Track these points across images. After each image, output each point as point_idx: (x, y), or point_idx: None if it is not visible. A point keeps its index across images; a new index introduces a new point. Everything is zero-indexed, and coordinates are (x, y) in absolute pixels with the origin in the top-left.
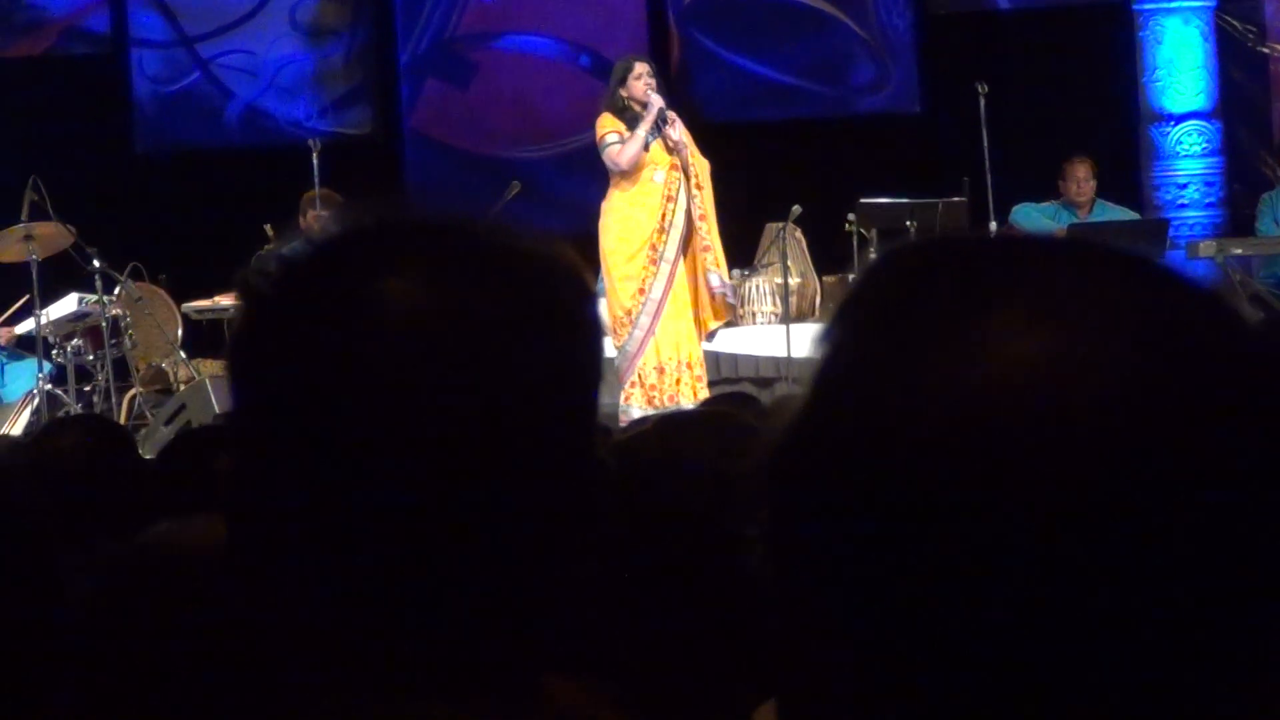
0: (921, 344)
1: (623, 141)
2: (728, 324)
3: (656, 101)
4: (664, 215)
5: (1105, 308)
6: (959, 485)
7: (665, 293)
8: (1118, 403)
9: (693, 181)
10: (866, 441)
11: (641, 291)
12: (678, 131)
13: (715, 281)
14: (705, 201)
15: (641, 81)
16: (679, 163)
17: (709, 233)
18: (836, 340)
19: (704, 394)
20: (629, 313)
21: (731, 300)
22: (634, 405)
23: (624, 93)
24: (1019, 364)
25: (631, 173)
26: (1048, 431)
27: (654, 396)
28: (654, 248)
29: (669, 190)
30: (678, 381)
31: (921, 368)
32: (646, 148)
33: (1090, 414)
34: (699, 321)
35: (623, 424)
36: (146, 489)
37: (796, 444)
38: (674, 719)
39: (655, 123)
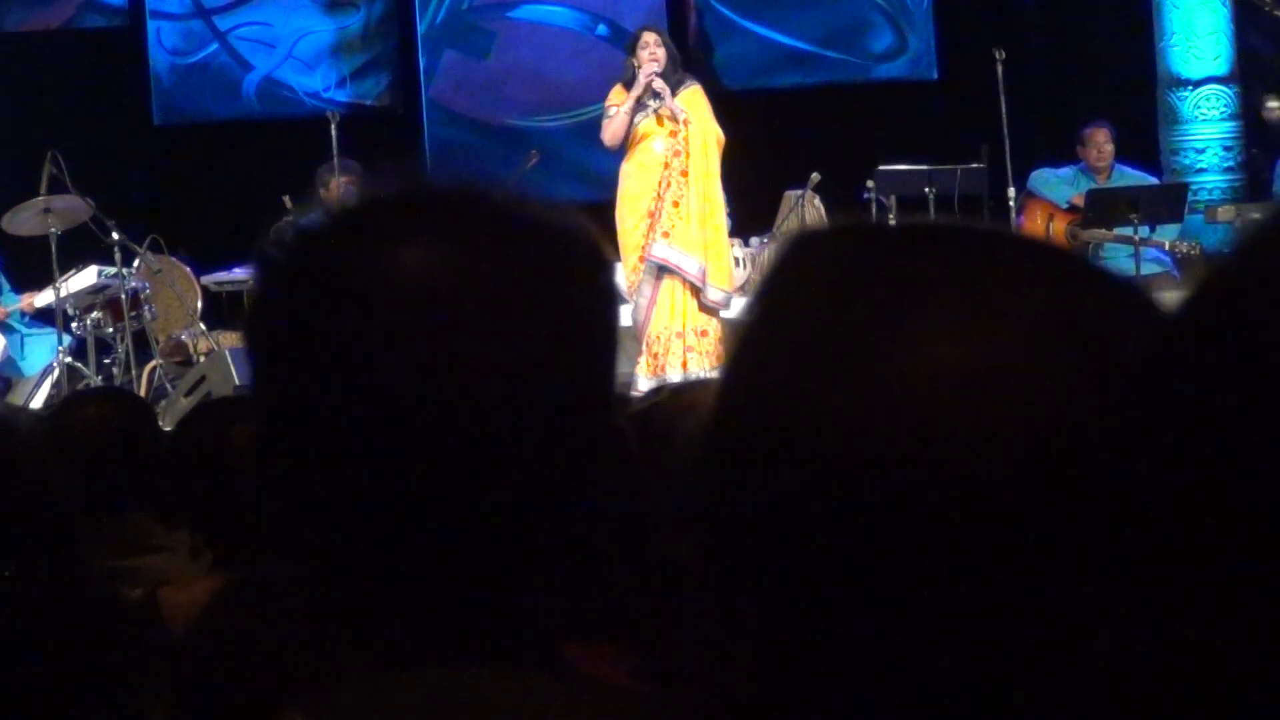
0: (839, 345)
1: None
2: (744, 291)
3: (643, 74)
4: (660, 182)
5: (1029, 313)
6: (867, 490)
7: (663, 260)
8: (1036, 410)
9: (673, 149)
10: (780, 439)
11: (643, 260)
12: (669, 98)
13: (659, 252)
14: (691, 164)
15: (646, 52)
16: (676, 129)
17: (671, 203)
18: (753, 333)
19: (703, 364)
20: (634, 283)
21: (689, 275)
22: (640, 374)
23: (634, 63)
24: (937, 370)
25: (630, 144)
26: (961, 437)
27: (655, 365)
28: (651, 215)
29: (667, 158)
30: (667, 351)
31: (839, 369)
32: (657, 118)
33: (1006, 420)
34: (696, 292)
35: (634, 394)
36: (166, 461)
37: (715, 436)
38: (691, 687)
39: (649, 95)
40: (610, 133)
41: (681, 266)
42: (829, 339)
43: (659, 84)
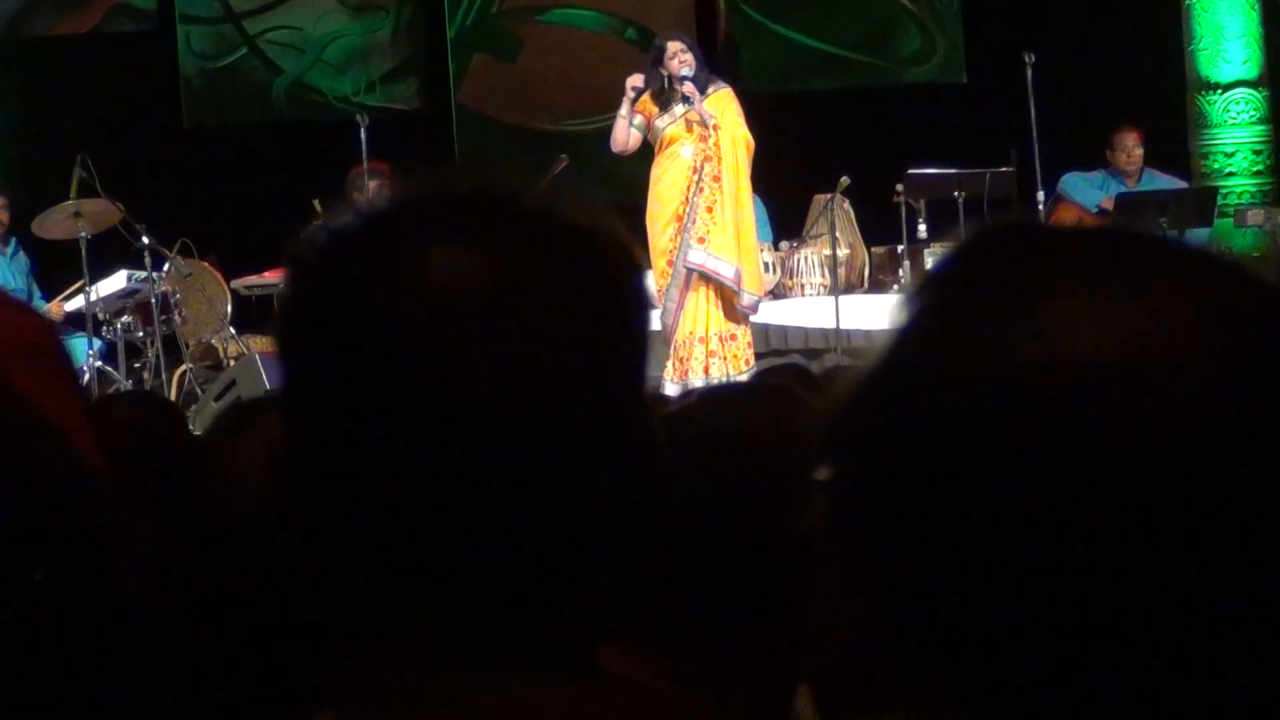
0: (999, 318)
1: (639, 128)
2: (775, 296)
3: (629, 83)
4: (688, 187)
5: (1173, 294)
6: (1022, 448)
7: (700, 266)
8: (1180, 382)
9: (704, 153)
10: (939, 402)
11: (670, 264)
12: (699, 103)
13: (695, 258)
14: (723, 169)
15: (675, 60)
16: (706, 134)
17: (704, 208)
18: (919, 308)
19: (727, 370)
20: (662, 287)
21: (725, 279)
22: (667, 378)
23: (664, 72)
24: (1087, 341)
25: (659, 149)
26: (1109, 404)
27: (682, 370)
28: (679, 219)
29: (695, 162)
30: (690, 356)
31: (997, 339)
32: (686, 123)
33: (1152, 392)
34: (723, 297)
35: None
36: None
37: (869, 401)
38: (724, 690)
39: (679, 100)
40: (613, 138)
41: (719, 272)
42: (1001, 310)
43: (688, 88)
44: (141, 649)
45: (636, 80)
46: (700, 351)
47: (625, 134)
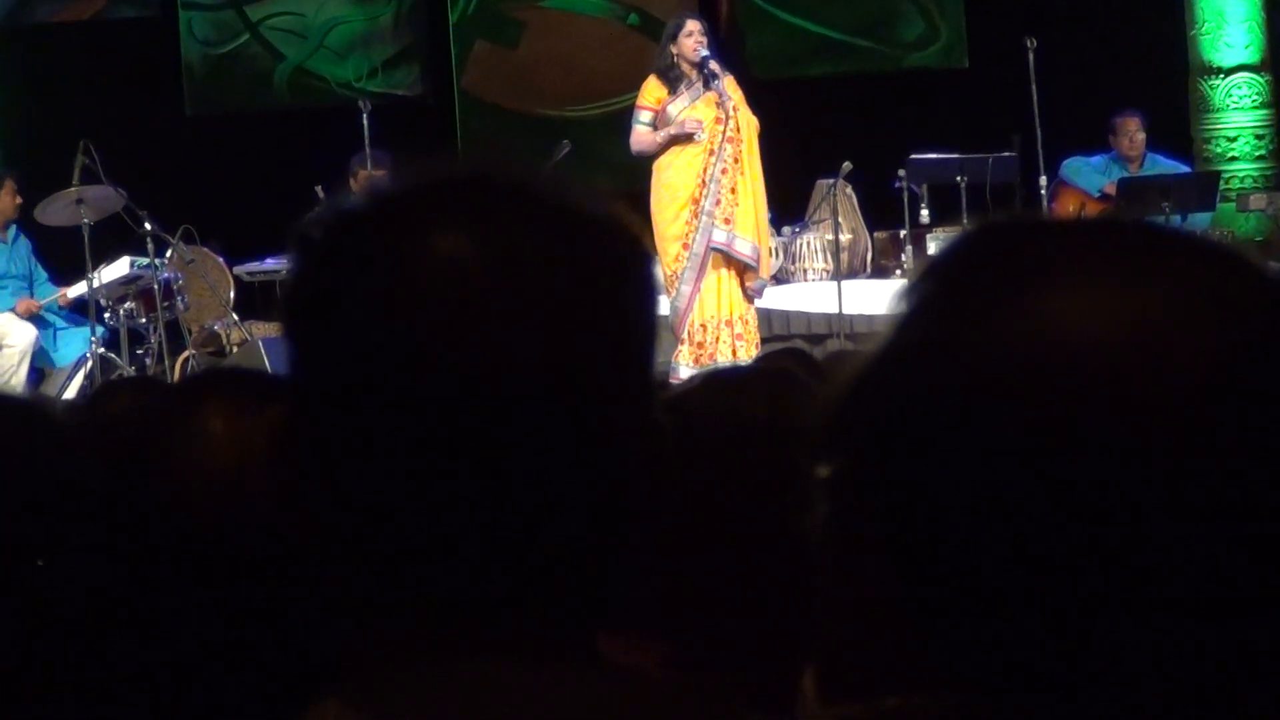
0: (1001, 307)
1: (651, 125)
2: (777, 281)
3: (692, 126)
4: (705, 169)
5: (1170, 282)
6: (1025, 434)
7: (706, 247)
8: (1177, 368)
9: (725, 135)
10: (942, 388)
11: (685, 247)
12: (722, 82)
13: (720, 237)
14: (742, 150)
15: (692, 39)
16: (722, 115)
17: (729, 189)
18: (918, 299)
19: (750, 351)
20: (676, 272)
21: (747, 258)
22: (682, 363)
23: (674, 49)
24: (1085, 329)
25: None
26: (1108, 391)
27: (700, 355)
28: (695, 201)
29: (711, 145)
30: (717, 339)
31: (996, 328)
32: (711, 96)
33: (1150, 379)
34: (741, 279)
35: (673, 381)
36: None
37: (869, 390)
38: (725, 677)
39: (705, 77)
40: (637, 150)
41: (743, 251)
42: (1003, 299)
43: (714, 65)
44: (141, 637)
45: (695, 127)
46: (727, 335)
47: (652, 149)
